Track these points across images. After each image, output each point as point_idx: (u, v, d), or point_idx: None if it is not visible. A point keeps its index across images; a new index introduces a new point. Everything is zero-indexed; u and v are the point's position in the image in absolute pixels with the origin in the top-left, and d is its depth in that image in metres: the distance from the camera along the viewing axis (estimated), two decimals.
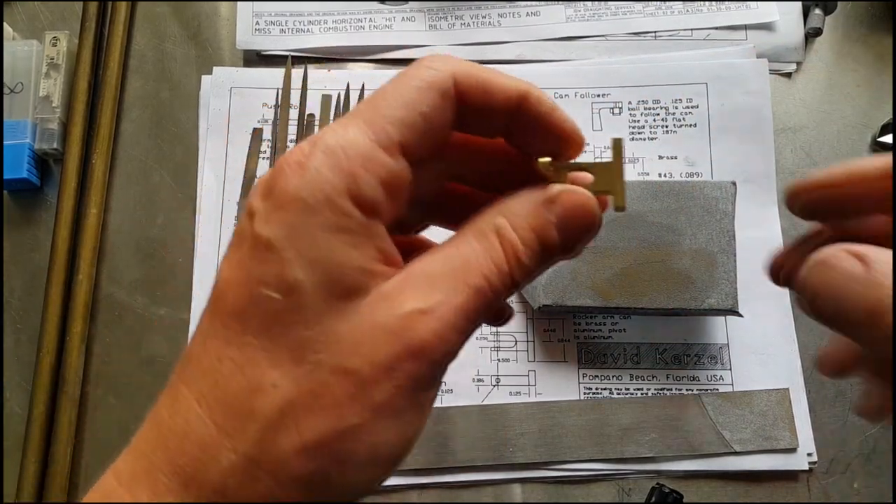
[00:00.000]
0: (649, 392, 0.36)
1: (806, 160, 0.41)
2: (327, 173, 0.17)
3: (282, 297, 0.17)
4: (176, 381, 0.18)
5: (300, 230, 0.17)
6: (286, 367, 0.17)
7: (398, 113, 0.18)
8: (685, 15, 0.42)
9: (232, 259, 0.18)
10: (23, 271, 0.39)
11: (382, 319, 0.17)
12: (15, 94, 0.40)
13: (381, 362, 0.17)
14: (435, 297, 0.17)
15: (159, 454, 0.17)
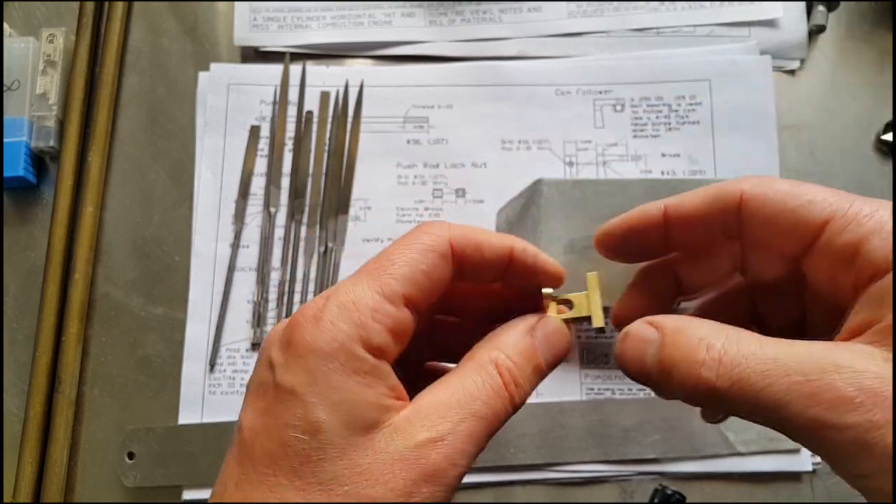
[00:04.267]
0: (652, 393, 0.36)
1: (809, 157, 0.40)
2: (341, 324, 0.19)
3: (308, 437, 0.19)
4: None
5: (319, 376, 0.19)
6: (316, 500, 0.19)
7: (402, 270, 0.21)
8: (688, 11, 0.42)
9: (256, 407, 0.20)
10: (19, 270, 0.39)
11: (398, 450, 0.19)
12: (11, 91, 0.40)
13: (400, 489, 0.19)
14: (444, 427, 0.20)
15: None
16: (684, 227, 0.22)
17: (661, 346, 0.19)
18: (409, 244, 0.22)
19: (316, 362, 0.19)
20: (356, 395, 0.19)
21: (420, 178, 0.39)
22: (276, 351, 0.20)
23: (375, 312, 0.20)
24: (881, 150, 0.40)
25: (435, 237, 0.22)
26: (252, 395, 0.20)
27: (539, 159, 0.39)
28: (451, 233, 0.22)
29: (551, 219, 0.35)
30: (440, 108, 0.40)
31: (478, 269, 0.23)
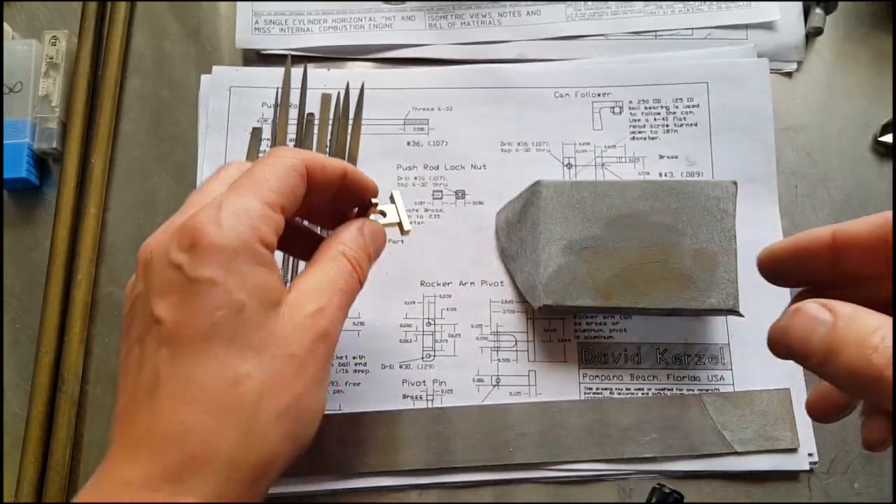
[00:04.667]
0: (650, 392, 0.36)
1: (807, 160, 0.40)
2: (240, 226, 0.24)
3: (235, 315, 0.24)
4: (152, 399, 0.23)
5: (233, 266, 0.24)
6: (252, 360, 0.24)
7: (276, 185, 0.26)
8: (686, 14, 0.42)
9: (170, 302, 0.24)
10: (22, 271, 0.39)
11: (299, 320, 0.25)
12: (14, 93, 0.40)
13: (307, 346, 0.25)
14: (323, 301, 0.26)
15: (164, 455, 0.23)
16: (853, 253, 0.22)
17: (832, 328, 0.19)
18: (275, 165, 0.27)
19: (227, 256, 0.24)
20: (263, 280, 0.25)
21: (420, 180, 0.40)
22: (180, 254, 0.24)
23: (262, 217, 0.25)
24: (879, 151, 0.41)
25: (294, 160, 0.27)
26: (159, 295, 0.24)
27: (538, 161, 0.40)
28: (303, 156, 0.28)
29: (550, 220, 0.35)
30: (440, 111, 0.41)
31: (322, 185, 0.28)
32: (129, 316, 0.26)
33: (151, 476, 0.22)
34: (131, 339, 0.25)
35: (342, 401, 0.36)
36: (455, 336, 0.37)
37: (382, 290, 0.38)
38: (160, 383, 0.23)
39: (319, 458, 0.35)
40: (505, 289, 0.38)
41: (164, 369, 0.23)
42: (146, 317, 0.24)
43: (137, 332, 0.25)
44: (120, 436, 0.24)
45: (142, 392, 0.24)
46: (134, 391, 0.24)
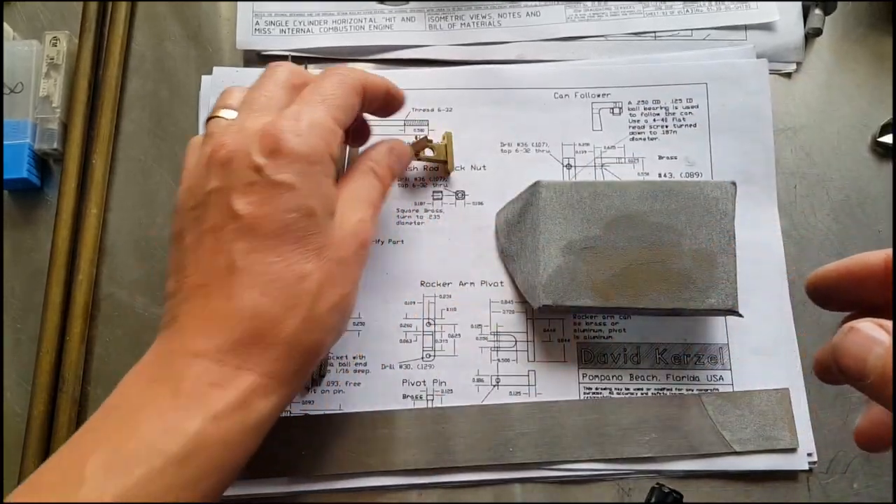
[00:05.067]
0: (649, 392, 0.36)
1: (806, 160, 0.41)
2: (317, 140, 0.27)
3: (305, 219, 0.27)
4: (226, 284, 0.26)
5: (309, 175, 0.27)
6: (314, 262, 0.27)
7: (340, 102, 0.29)
8: (685, 15, 0.42)
9: (250, 200, 0.26)
10: (23, 271, 0.39)
11: (347, 227, 0.29)
12: (15, 94, 0.40)
13: (353, 252, 0.29)
14: (361, 212, 0.30)
15: (235, 332, 0.26)
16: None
17: (889, 348, 0.19)
18: (341, 83, 0.30)
19: (305, 165, 0.27)
20: (329, 190, 0.28)
21: (420, 181, 0.40)
22: (262, 158, 0.26)
23: (333, 134, 0.28)
24: (878, 151, 0.41)
25: (355, 81, 0.30)
26: (240, 193, 0.26)
27: (538, 161, 0.40)
28: (361, 77, 0.31)
29: (550, 220, 0.36)
30: (440, 111, 0.41)
31: (370, 102, 0.32)
32: (201, 207, 0.27)
33: (220, 349, 0.25)
34: (203, 229, 0.27)
35: (342, 401, 0.36)
36: (455, 336, 0.37)
37: (382, 290, 0.38)
38: (236, 270, 0.26)
39: (320, 457, 0.35)
40: (505, 289, 0.38)
41: (240, 258, 0.26)
42: (224, 210, 0.26)
43: (212, 223, 0.27)
44: (190, 311, 0.26)
45: (217, 276, 0.26)
46: (208, 274, 0.26)
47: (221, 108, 0.31)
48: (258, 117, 0.28)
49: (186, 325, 0.26)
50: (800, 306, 0.38)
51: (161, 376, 0.26)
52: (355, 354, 0.37)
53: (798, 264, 0.39)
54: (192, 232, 0.27)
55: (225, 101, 0.31)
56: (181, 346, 0.26)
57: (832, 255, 0.39)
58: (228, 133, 0.28)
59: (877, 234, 0.39)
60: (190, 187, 0.28)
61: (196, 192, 0.28)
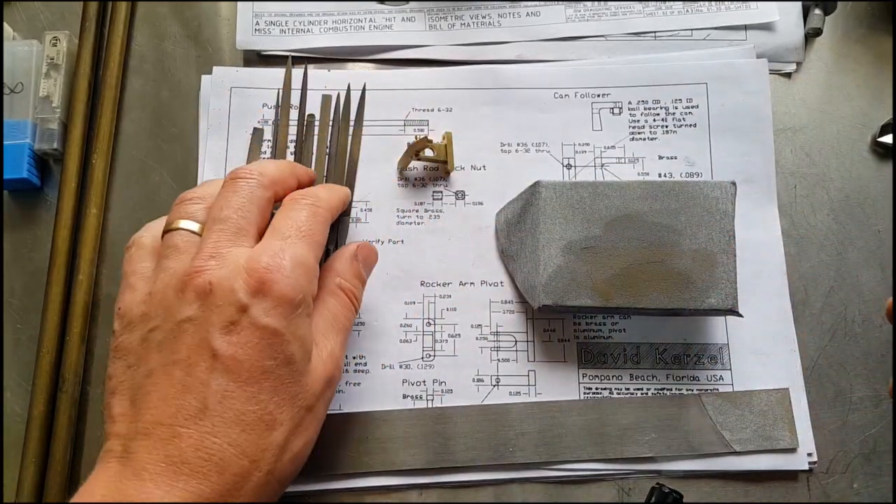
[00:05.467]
0: (649, 392, 0.36)
1: (806, 160, 0.41)
2: (302, 281, 0.27)
3: (285, 367, 0.26)
4: (195, 429, 0.24)
5: (293, 319, 0.26)
6: (286, 410, 0.26)
7: (320, 239, 0.29)
8: (685, 15, 0.42)
9: (231, 340, 0.25)
10: (23, 271, 0.39)
11: (318, 368, 0.28)
12: (15, 94, 0.40)
13: (319, 394, 0.28)
14: (331, 343, 0.29)
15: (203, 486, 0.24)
16: None
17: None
18: (315, 216, 0.29)
19: (290, 309, 0.26)
20: (309, 333, 0.27)
21: (420, 181, 0.40)
22: (248, 297, 0.26)
23: (314, 271, 0.28)
24: (878, 152, 0.41)
25: (327, 211, 0.30)
26: (222, 331, 0.25)
27: (538, 161, 0.40)
28: (331, 208, 0.30)
29: (550, 220, 0.36)
30: (440, 112, 0.41)
31: None
32: (168, 333, 0.26)
33: (191, 496, 0.24)
34: (173, 359, 0.25)
35: (342, 401, 0.36)
36: (455, 336, 0.37)
37: (382, 290, 0.38)
38: (207, 414, 0.25)
39: (319, 457, 0.35)
40: (505, 289, 0.38)
41: (214, 401, 0.25)
42: (200, 345, 0.25)
43: (184, 356, 0.25)
44: (151, 451, 0.24)
45: (185, 417, 0.24)
46: (176, 413, 0.25)
47: (181, 219, 0.29)
48: (234, 243, 0.27)
49: (146, 469, 0.24)
50: (800, 306, 0.38)
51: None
52: (355, 354, 0.37)
53: (798, 264, 0.39)
54: (154, 357, 0.26)
55: (185, 210, 0.29)
56: (138, 492, 0.23)
57: (832, 255, 0.39)
58: (203, 256, 0.26)
59: (877, 234, 0.39)
60: (151, 306, 0.27)
61: (161, 313, 0.26)
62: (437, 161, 0.39)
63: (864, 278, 0.39)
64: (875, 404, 0.37)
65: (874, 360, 0.37)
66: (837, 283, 0.38)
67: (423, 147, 0.38)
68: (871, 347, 0.38)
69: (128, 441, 0.25)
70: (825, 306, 0.38)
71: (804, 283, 0.38)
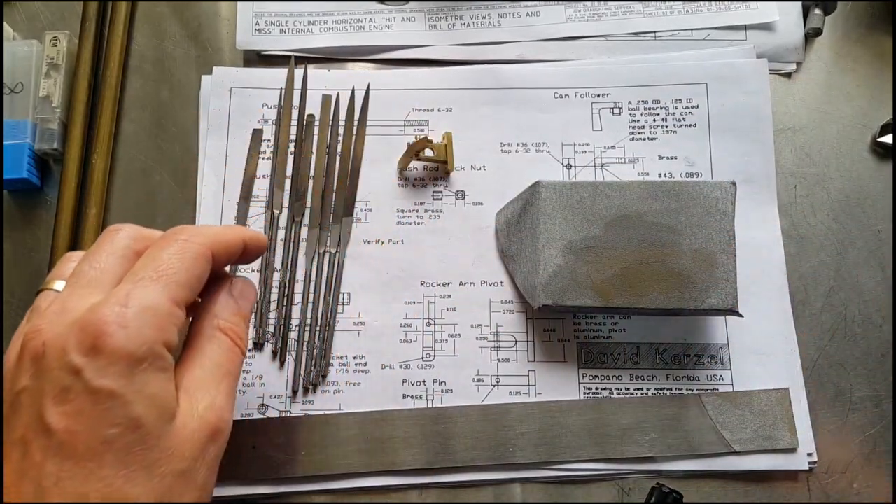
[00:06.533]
0: (649, 392, 0.36)
1: (806, 160, 0.41)
2: (147, 330, 0.23)
3: (130, 432, 0.22)
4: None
5: (135, 377, 0.22)
6: (143, 485, 0.22)
7: (183, 277, 0.25)
8: (685, 15, 0.42)
9: (64, 411, 0.22)
10: (23, 271, 0.39)
11: (191, 424, 0.24)
12: (15, 94, 0.40)
13: (197, 455, 0.24)
14: (211, 393, 0.25)
15: None
16: None
17: None
18: (182, 253, 0.25)
19: (131, 365, 0.22)
20: (164, 390, 0.23)
21: (420, 181, 0.40)
22: (80, 357, 0.22)
23: (170, 317, 0.24)
24: (877, 152, 0.41)
25: (201, 246, 0.26)
26: (53, 401, 0.22)
27: (538, 161, 0.40)
28: (210, 241, 0.26)
29: (550, 220, 0.36)
30: (440, 112, 0.41)
31: (223, 263, 0.28)
32: (11, 409, 0.23)
33: None
34: (11, 439, 0.23)
35: (342, 401, 0.36)
36: (455, 336, 0.37)
37: (382, 290, 0.38)
38: (44, 499, 0.22)
39: (319, 457, 0.35)
40: (505, 289, 0.38)
41: (48, 486, 0.22)
42: (34, 419, 0.22)
43: (20, 434, 0.22)
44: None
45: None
46: (13, 501, 0.22)
47: (54, 280, 0.27)
48: (82, 296, 0.24)
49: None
50: (800, 306, 0.38)
51: None
52: (355, 354, 0.37)
53: (798, 264, 0.39)
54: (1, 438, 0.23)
55: (59, 269, 0.27)
56: None
57: (832, 255, 0.39)
58: (46, 316, 0.24)
59: (877, 234, 0.39)
60: (5, 375, 0.24)
61: (7, 387, 0.24)
62: (437, 161, 0.39)
63: (864, 278, 0.39)
64: (875, 404, 0.37)
65: (874, 360, 0.37)
66: (837, 283, 0.39)
67: (423, 147, 0.38)
68: (871, 347, 0.38)
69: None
70: (825, 306, 0.38)
71: (804, 283, 0.38)
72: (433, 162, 0.39)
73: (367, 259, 0.38)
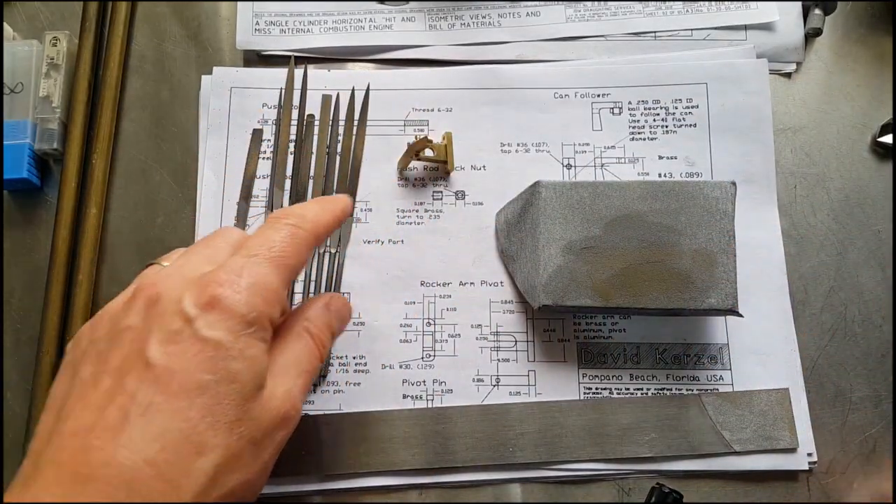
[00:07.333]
0: (649, 392, 0.36)
1: (806, 160, 0.41)
2: (259, 300, 0.25)
3: (225, 384, 0.23)
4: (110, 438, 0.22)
5: (241, 336, 0.24)
6: (222, 437, 0.23)
7: (293, 262, 0.27)
8: (685, 15, 0.42)
9: (168, 350, 0.23)
10: (23, 271, 0.39)
11: (272, 402, 0.25)
12: (15, 94, 0.40)
13: (269, 432, 0.25)
14: (289, 382, 0.26)
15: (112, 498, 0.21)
16: None
17: None
18: (293, 237, 0.27)
19: (240, 326, 0.24)
20: (260, 361, 0.25)
21: (420, 181, 0.40)
22: (194, 308, 0.24)
23: (276, 295, 0.26)
24: (877, 152, 0.41)
25: (309, 233, 0.28)
26: (160, 340, 0.23)
27: (538, 161, 0.40)
28: (314, 226, 0.28)
29: (550, 220, 0.36)
30: (440, 112, 0.41)
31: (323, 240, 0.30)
32: (108, 342, 0.24)
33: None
34: (104, 368, 0.24)
35: (342, 401, 0.36)
36: (455, 336, 0.37)
37: (382, 290, 0.38)
38: (127, 424, 0.22)
39: (319, 457, 0.35)
40: (505, 289, 0.38)
41: (136, 411, 0.22)
42: (134, 353, 0.23)
43: (117, 365, 0.23)
44: (58, 463, 0.22)
45: (104, 425, 0.22)
46: (94, 421, 0.22)
47: (163, 259, 0.28)
48: (197, 263, 0.26)
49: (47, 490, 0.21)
50: (800, 306, 0.38)
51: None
52: (355, 354, 0.37)
53: (798, 264, 0.39)
54: (89, 366, 0.24)
55: (168, 255, 0.29)
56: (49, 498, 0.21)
57: (832, 255, 0.39)
58: (166, 273, 0.26)
59: (877, 235, 0.39)
60: (101, 317, 0.26)
61: (107, 324, 0.25)
62: (437, 161, 0.39)
63: (864, 278, 0.39)
64: (875, 404, 0.37)
65: (874, 360, 0.37)
66: (837, 283, 0.39)
67: (423, 147, 0.38)
68: (871, 347, 0.38)
69: (38, 458, 0.23)
70: (825, 306, 0.38)
71: (804, 283, 0.38)
72: (433, 162, 0.39)
73: (367, 259, 0.38)
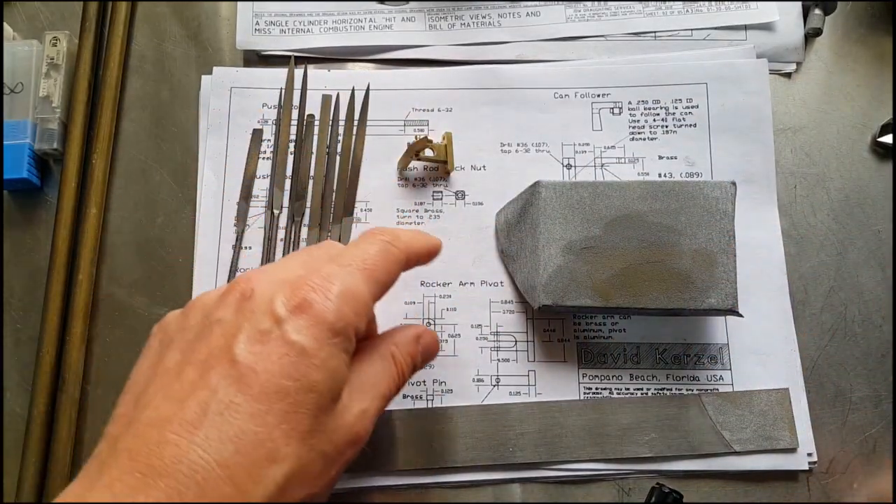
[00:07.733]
0: (649, 392, 0.36)
1: (806, 160, 0.41)
2: (348, 310, 0.25)
3: (304, 392, 0.23)
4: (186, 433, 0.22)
5: (326, 346, 0.24)
6: (294, 445, 0.23)
7: (383, 278, 0.27)
8: (685, 15, 0.42)
9: (254, 350, 0.23)
10: (23, 271, 0.39)
11: (346, 418, 0.25)
12: (15, 94, 0.40)
13: (340, 448, 0.25)
14: (366, 402, 0.26)
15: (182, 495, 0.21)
16: None
17: None
18: (386, 254, 0.27)
19: (326, 334, 0.24)
20: (341, 372, 0.25)
21: (420, 181, 0.40)
22: (284, 310, 0.24)
23: (366, 307, 0.26)
24: (877, 152, 0.41)
25: (401, 252, 0.28)
26: (248, 338, 0.23)
27: (538, 161, 0.40)
28: (407, 247, 0.29)
29: (550, 220, 0.36)
30: (440, 112, 0.41)
31: (411, 266, 0.30)
32: (197, 332, 0.25)
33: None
34: (190, 358, 0.24)
35: None
36: (455, 336, 0.37)
37: None
38: (205, 420, 0.22)
39: None
40: (505, 289, 0.38)
41: (215, 407, 0.22)
42: (221, 348, 0.24)
43: (203, 357, 0.24)
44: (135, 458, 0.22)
45: (181, 418, 0.22)
46: (172, 412, 0.22)
47: None
48: (291, 268, 0.26)
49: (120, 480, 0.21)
50: (800, 306, 0.38)
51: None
52: None
53: (798, 264, 0.39)
54: (174, 355, 0.24)
55: None
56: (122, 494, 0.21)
57: (832, 255, 0.39)
58: (258, 271, 0.26)
59: (877, 235, 0.39)
60: (194, 306, 0.26)
61: (199, 313, 0.26)
62: (437, 161, 0.39)
63: (864, 278, 0.39)
64: (875, 404, 0.37)
65: (874, 360, 0.37)
66: (837, 283, 0.39)
67: (423, 147, 0.38)
68: (871, 347, 0.38)
69: (115, 444, 0.23)
70: (825, 306, 0.38)
71: (804, 283, 0.38)
72: (433, 162, 0.39)
73: None
